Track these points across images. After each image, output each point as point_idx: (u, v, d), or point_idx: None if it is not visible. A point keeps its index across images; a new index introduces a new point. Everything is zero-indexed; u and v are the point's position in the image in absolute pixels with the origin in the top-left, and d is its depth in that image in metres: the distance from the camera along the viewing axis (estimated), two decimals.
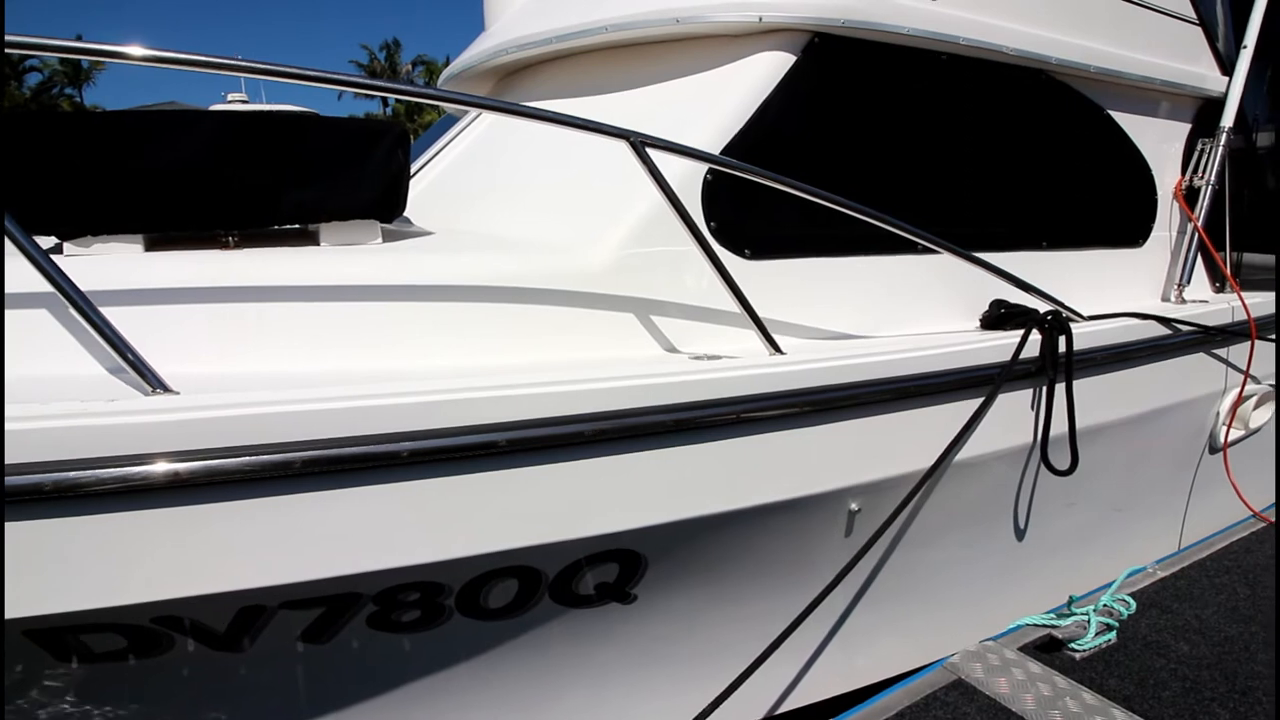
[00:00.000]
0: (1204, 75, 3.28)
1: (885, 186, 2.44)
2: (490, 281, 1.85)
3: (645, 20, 2.34)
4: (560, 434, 1.57)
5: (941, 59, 2.49)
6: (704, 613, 2.13)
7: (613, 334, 1.96)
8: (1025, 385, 2.40)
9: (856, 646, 2.45)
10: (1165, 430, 3.05)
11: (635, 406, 1.65)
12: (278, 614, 1.53)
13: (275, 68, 1.56)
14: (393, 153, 1.93)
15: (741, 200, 2.12)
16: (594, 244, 2.00)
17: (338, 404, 1.41)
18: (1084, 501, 2.81)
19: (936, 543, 2.47)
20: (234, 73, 1.54)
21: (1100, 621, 2.31)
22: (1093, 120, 2.96)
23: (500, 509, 1.58)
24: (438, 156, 2.72)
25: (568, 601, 1.85)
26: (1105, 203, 3.08)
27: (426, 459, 1.47)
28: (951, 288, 2.51)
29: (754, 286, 2.13)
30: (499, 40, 2.81)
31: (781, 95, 2.21)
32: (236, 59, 1.53)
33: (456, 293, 1.81)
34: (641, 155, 1.76)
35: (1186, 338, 2.87)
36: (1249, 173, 3.49)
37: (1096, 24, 2.86)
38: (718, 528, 1.93)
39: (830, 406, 1.96)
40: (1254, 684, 2.11)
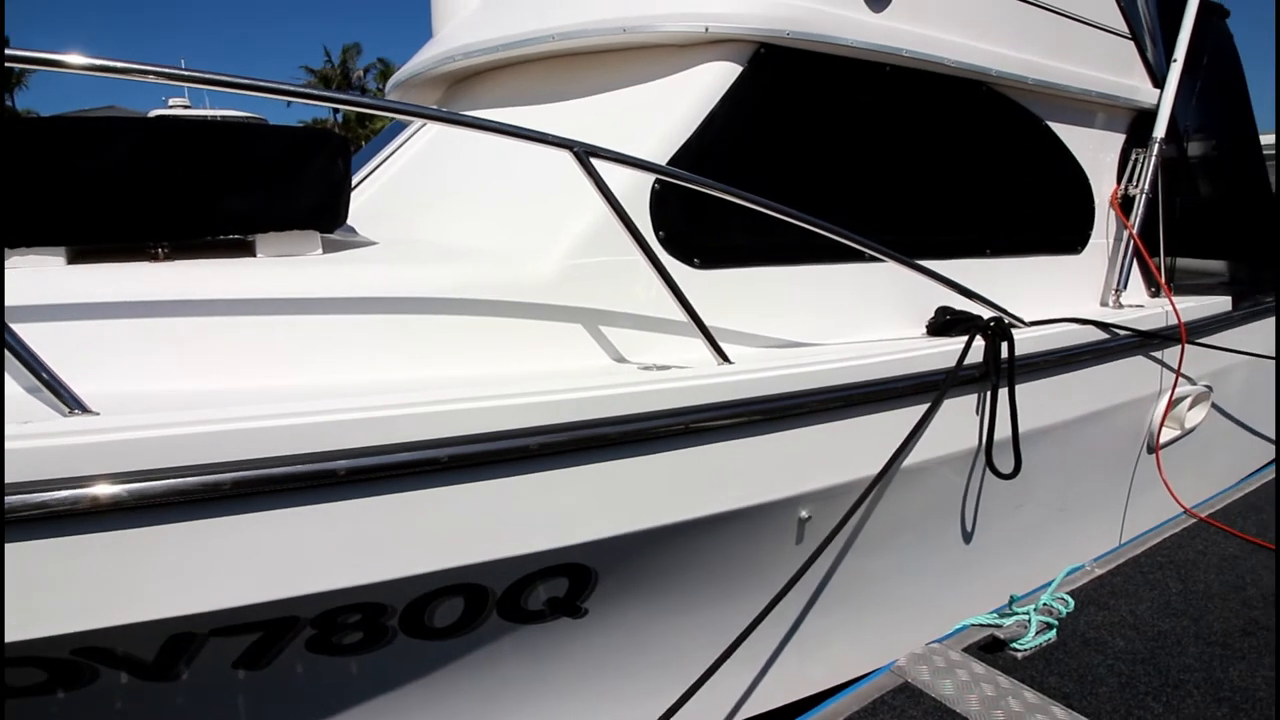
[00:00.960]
0: (1137, 87, 3.40)
1: (832, 196, 2.46)
2: (434, 293, 1.82)
3: (592, 29, 2.33)
4: (504, 449, 1.55)
5: (885, 70, 2.53)
6: (657, 624, 2.13)
7: (560, 345, 1.95)
8: (970, 390, 2.45)
9: (810, 653, 2.47)
10: (1106, 431, 3.14)
11: (581, 419, 1.64)
12: (209, 641, 1.47)
13: (208, 76, 1.51)
14: (332, 161, 1.89)
15: (690, 209, 2.12)
16: (541, 254, 1.98)
17: (269, 422, 1.37)
18: (1030, 503, 2.89)
19: (887, 547, 2.51)
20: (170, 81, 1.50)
21: (1040, 620, 2.37)
22: (1032, 131, 3.04)
23: (443, 526, 1.56)
24: (384, 165, 2.67)
25: (517, 618, 1.83)
26: (1045, 211, 3.17)
27: (364, 477, 1.44)
28: (899, 295, 2.55)
29: (703, 295, 2.13)
30: (447, 47, 2.78)
31: (728, 105, 2.22)
32: (177, 68, 1.48)
33: (398, 305, 1.78)
34: (585, 165, 1.75)
35: (1123, 341, 2.96)
36: (1181, 181, 3.63)
37: (1034, 38, 2.94)
38: (668, 539, 1.93)
39: (778, 415, 1.97)
40: (1185, 677, 2.18)
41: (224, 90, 1.56)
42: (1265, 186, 4.38)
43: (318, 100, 1.91)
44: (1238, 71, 4.18)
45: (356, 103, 1.88)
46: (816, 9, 2.31)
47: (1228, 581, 2.72)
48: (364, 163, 2.78)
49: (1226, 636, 2.37)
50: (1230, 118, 4.12)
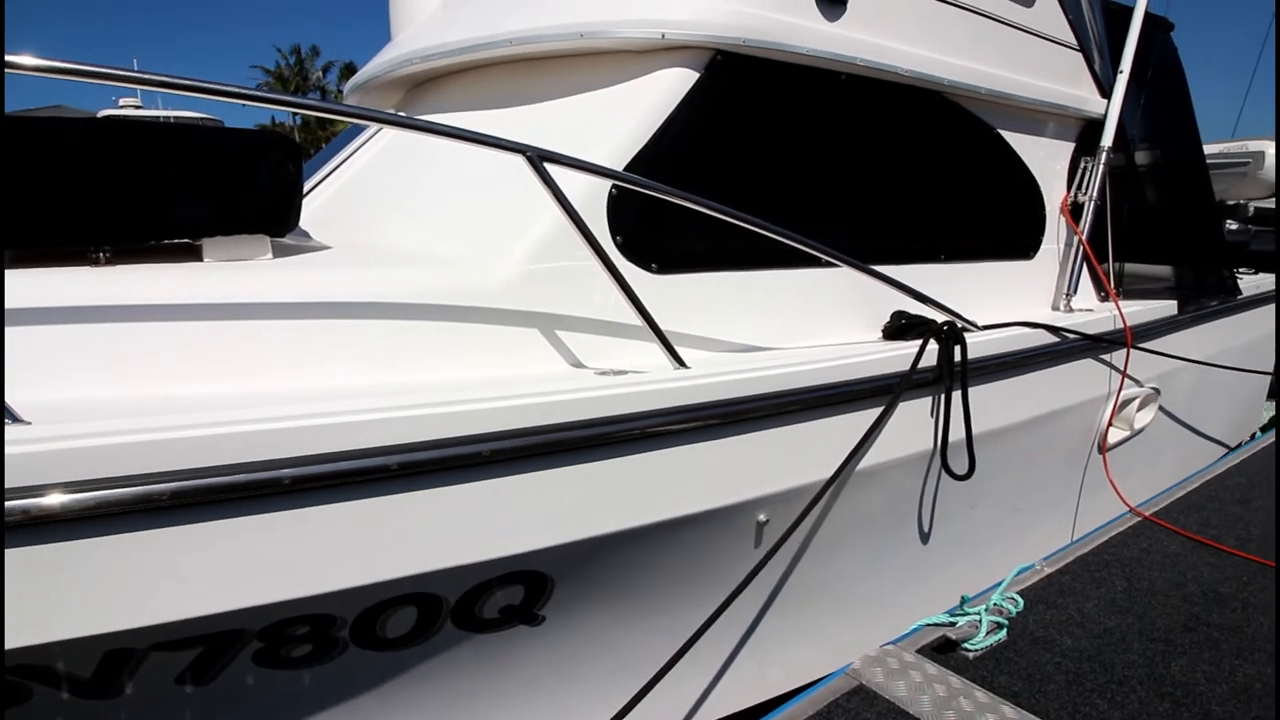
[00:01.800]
0: (1085, 98, 3.48)
1: (789, 201, 2.49)
2: (387, 297, 1.79)
3: (550, 35, 2.32)
4: (456, 455, 1.54)
5: (841, 79, 2.56)
6: (616, 630, 2.12)
7: (517, 350, 1.94)
8: (925, 393, 2.49)
9: (768, 657, 2.49)
10: (1057, 432, 3.22)
11: (535, 425, 1.63)
12: (150, 656, 1.44)
13: (159, 78, 1.47)
14: (282, 164, 1.86)
15: (647, 215, 2.12)
16: (497, 259, 1.97)
17: (209, 430, 1.34)
18: (985, 503, 2.94)
19: (845, 550, 2.54)
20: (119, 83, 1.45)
21: (991, 620, 2.42)
22: (985, 140, 3.10)
23: (393, 536, 1.53)
24: (340, 169, 2.63)
25: (472, 627, 1.81)
26: (998, 217, 3.23)
27: (310, 486, 1.41)
28: (856, 300, 2.58)
29: (661, 300, 2.14)
30: (404, 51, 2.75)
31: (685, 111, 2.22)
32: (129, 70, 1.44)
33: (350, 310, 1.75)
34: (539, 170, 1.74)
35: (1072, 345, 3.04)
36: (1129, 188, 3.73)
37: (986, 49, 2.99)
38: (626, 544, 1.93)
39: (735, 419, 1.98)
40: (1129, 673, 2.24)
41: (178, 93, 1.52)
42: (1208, 194, 4.53)
43: (271, 104, 1.87)
44: (1181, 83, 4.31)
45: (308, 106, 1.85)
46: (772, 17, 2.33)
47: (1170, 579, 2.80)
48: (320, 166, 2.74)
49: (1169, 633, 2.45)
50: (1174, 127, 4.25)
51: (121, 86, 1.47)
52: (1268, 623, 2.49)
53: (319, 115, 3.15)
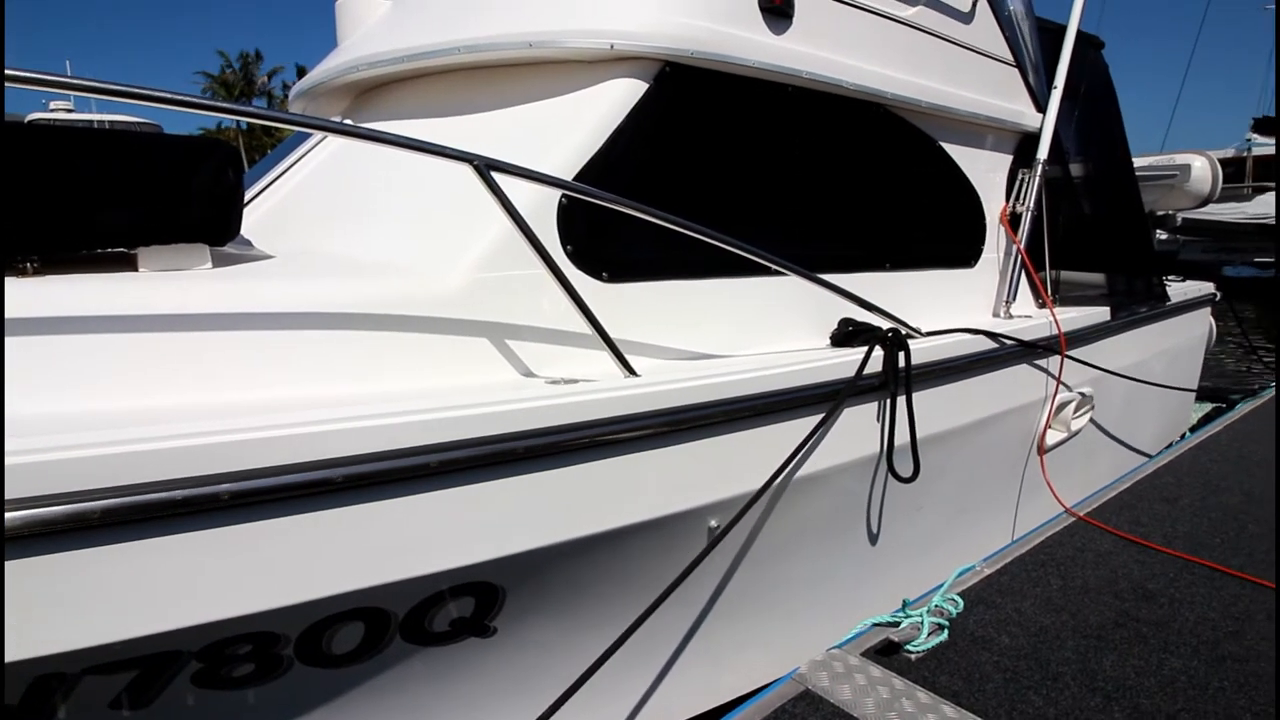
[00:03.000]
0: (1022, 112, 3.61)
1: (738, 211, 2.52)
2: (331, 307, 1.77)
3: (499, 44, 2.32)
4: (402, 467, 1.52)
5: (787, 91, 2.60)
6: (569, 639, 2.12)
7: (466, 360, 1.93)
8: (871, 398, 2.55)
9: (722, 662, 2.52)
10: (998, 435, 3.32)
11: (484, 435, 1.63)
12: (82, 681, 1.39)
13: (97, 85, 1.43)
14: (221, 171, 1.81)
15: (598, 224, 2.13)
16: (445, 268, 1.96)
17: (143, 445, 1.30)
18: (930, 505, 3.02)
19: (796, 553, 2.58)
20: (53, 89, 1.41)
21: (933, 622, 2.48)
22: (926, 151, 3.19)
23: (338, 550, 1.51)
24: (284, 176, 2.58)
25: (421, 640, 1.80)
26: (940, 227, 3.33)
27: (250, 501, 1.39)
28: (805, 307, 2.63)
29: (612, 309, 2.15)
30: (351, 57, 2.71)
31: (634, 121, 2.24)
32: (61, 75, 1.40)
33: (292, 320, 1.72)
34: (486, 179, 1.74)
35: (1010, 350, 3.14)
36: (1064, 199, 3.87)
37: (927, 64, 3.08)
38: (578, 553, 1.93)
39: (684, 426, 2.00)
40: (1063, 669, 2.32)
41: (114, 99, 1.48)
42: (1138, 205, 4.72)
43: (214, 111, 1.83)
44: (1112, 98, 4.50)
45: (252, 113, 1.81)
46: (720, 30, 2.36)
47: (1102, 576, 2.91)
48: (264, 173, 2.68)
49: (1100, 629, 2.54)
50: (1106, 141, 4.42)
51: (52, 91, 1.42)
52: (1193, 617, 2.60)
53: (263, 123, 3.04)
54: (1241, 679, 2.26)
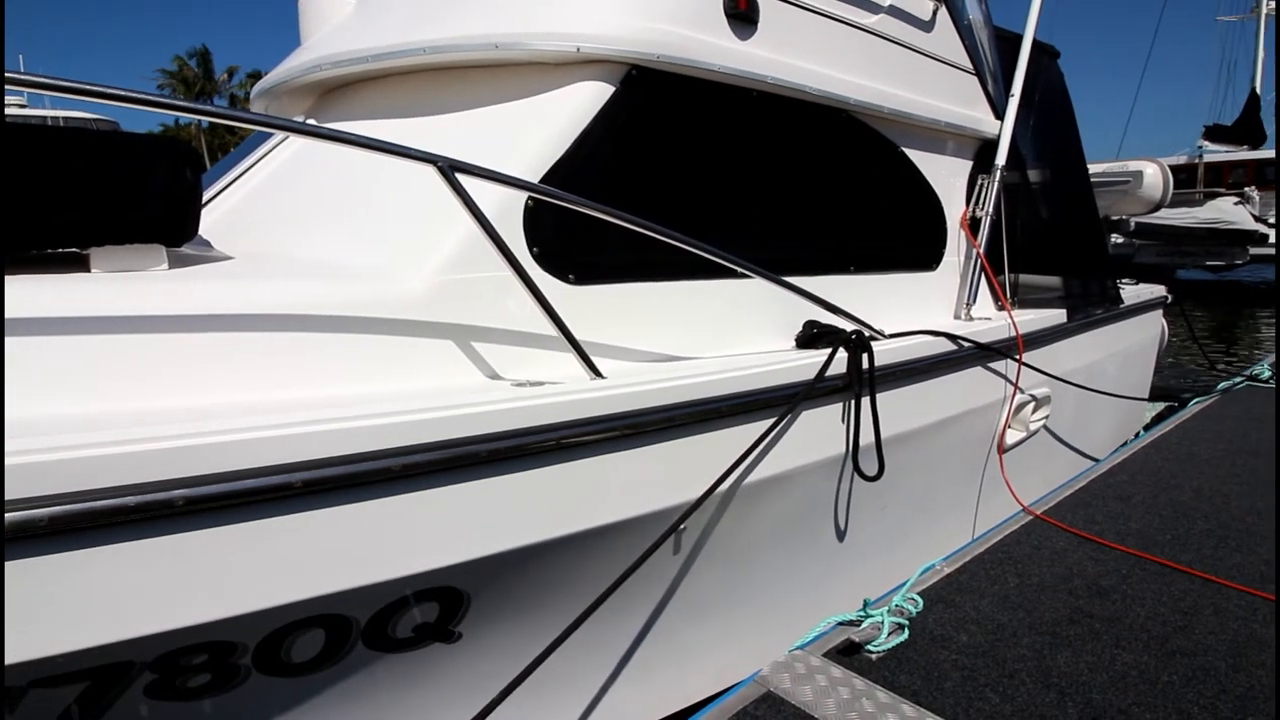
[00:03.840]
0: (981, 119, 3.68)
1: (704, 214, 2.54)
2: (292, 309, 1.74)
3: (464, 45, 2.30)
4: (362, 471, 1.50)
5: (753, 96, 2.62)
6: (536, 644, 2.11)
7: (430, 363, 1.91)
8: (836, 399, 2.59)
9: (689, 664, 2.53)
10: (959, 435, 3.39)
11: (446, 438, 1.62)
12: (28, 694, 1.35)
13: (50, 81, 1.39)
14: (178, 170, 1.78)
15: (564, 226, 2.13)
16: (410, 270, 1.94)
17: (93, 450, 1.27)
18: (894, 505, 3.07)
19: (763, 554, 2.60)
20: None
21: (893, 622, 2.52)
22: (889, 157, 3.24)
23: (297, 556, 1.49)
24: (245, 175, 2.54)
25: (384, 647, 1.78)
26: (903, 231, 3.38)
27: (205, 507, 1.36)
28: (771, 310, 2.66)
29: (579, 311, 2.15)
30: (314, 56, 2.67)
31: (601, 124, 2.24)
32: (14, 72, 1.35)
33: (251, 322, 1.69)
34: (451, 180, 1.73)
35: (971, 352, 3.20)
36: (1022, 204, 3.96)
37: (889, 71, 3.13)
38: (544, 556, 1.93)
39: (651, 428, 2.01)
40: (1019, 666, 2.38)
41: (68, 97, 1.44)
42: (1093, 209, 4.85)
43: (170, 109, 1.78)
44: (1067, 105, 4.61)
45: (211, 112, 1.77)
46: (686, 34, 2.37)
47: (1057, 574, 2.98)
48: (224, 173, 2.63)
49: (1055, 626, 2.60)
50: (1062, 147, 4.53)
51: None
52: (1143, 613, 2.68)
53: (224, 122, 2.95)
54: (1190, 673, 2.33)
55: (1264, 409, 5.45)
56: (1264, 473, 4.11)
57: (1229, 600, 2.75)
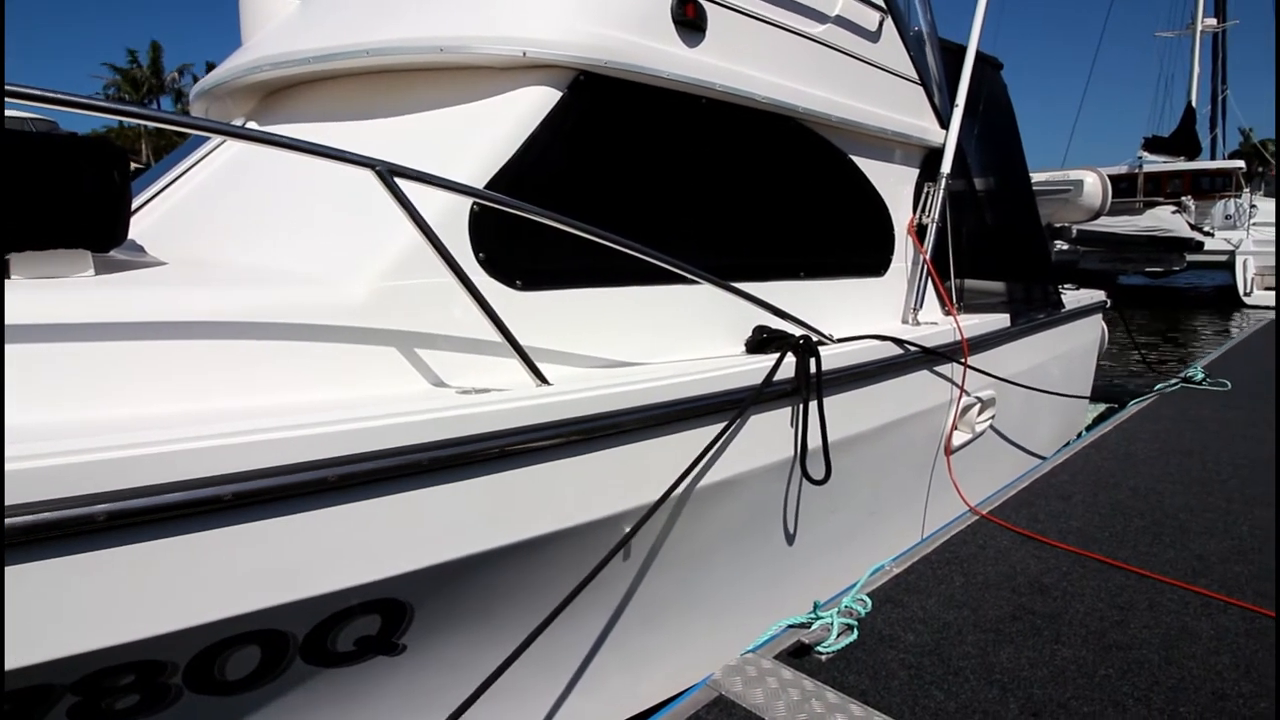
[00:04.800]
0: (927, 128, 3.76)
1: (654, 220, 2.54)
2: (226, 317, 1.70)
3: (409, 47, 2.28)
4: (296, 483, 1.47)
5: (702, 103, 2.64)
6: (485, 653, 2.09)
7: (373, 371, 1.88)
8: (785, 404, 2.61)
9: (641, 670, 2.52)
10: (907, 437, 3.45)
11: (385, 447, 1.59)
12: None
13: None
14: (105, 172, 1.72)
15: (511, 231, 2.11)
16: (352, 275, 1.91)
17: (11, 465, 1.22)
18: (843, 507, 3.11)
19: (713, 558, 2.61)
20: None
21: (842, 623, 2.55)
22: (837, 164, 3.28)
23: (228, 571, 1.45)
24: (183, 178, 2.47)
25: (324, 661, 1.74)
26: (851, 237, 3.43)
27: (129, 522, 1.31)
28: (721, 315, 2.67)
29: (526, 317, 2.14)
30: (255, 56, 2.61)
31: (548, 129, 2.23)
32: None
33: (182, 330, 1.64)
34: (389, 185, 1.70)
35: (918, 355, 3.27)
36: (967, 211, 4.05)
37: (837, 80, 3.18)
38: (489, 565, 1.90)
39: (598, 434, 2.00)
40: (963, 664, 2.42)
41: None
42: (1035, 217, 4.99)
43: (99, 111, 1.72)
44: (1010, 115, 4.74)
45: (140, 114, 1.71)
46: (634, 41, 2.38)
47: (1001, 572, 3.05)
48: (161, 176, 2.56)
49: (999, 623, 2.66)
50: (1005, 155, 4.66)
51: None
52: (1082, 609, 2.75)
53: (156, 125, 2.83)
54: (1125, 666, 2.40)
55: (1197, 410, 5.66)
56: (1196, 471, 4.26)
57: (1162, 595, 2.84)
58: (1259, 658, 2.43)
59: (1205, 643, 2.52)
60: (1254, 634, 2.56)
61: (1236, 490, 3.95)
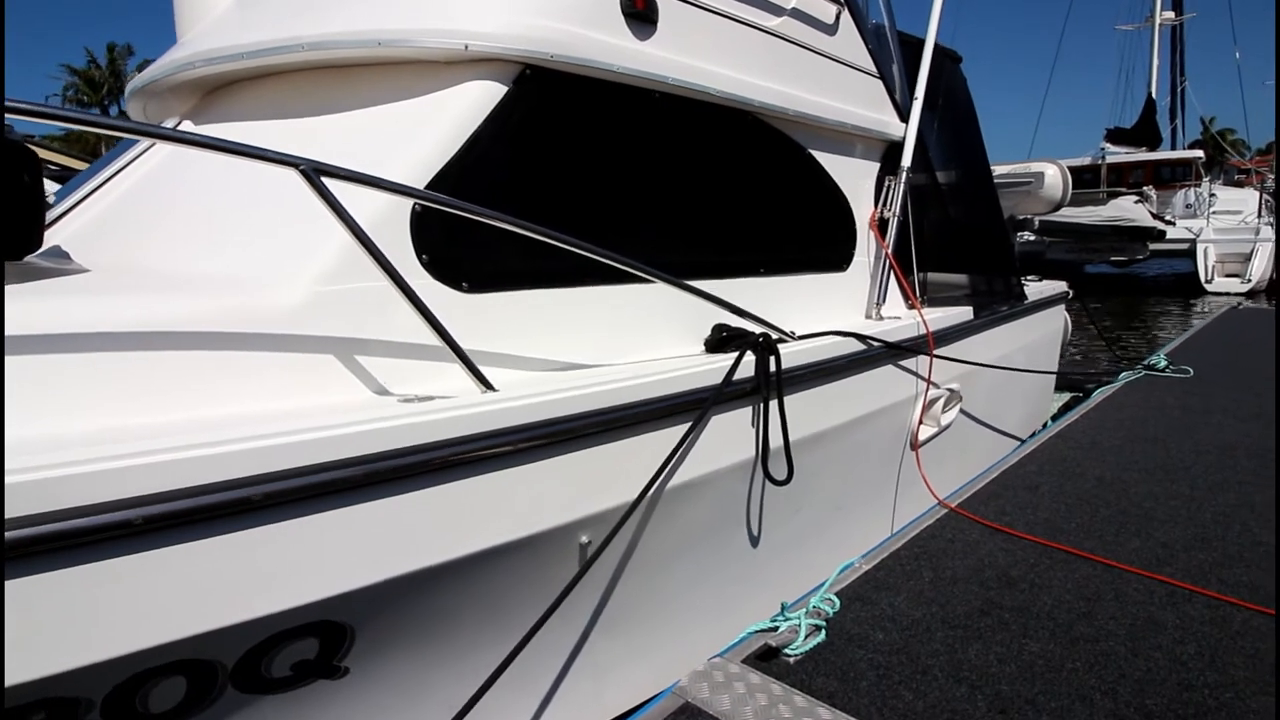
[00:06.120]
0: (887, 122, 3.73)
1: (608, 218, 2.48)
2: (149, 326, 1.60)
3: (346, 41, 2.19)
4: (215, 504, 1.38)
5: (655, 97, 2.58)
6: (437, 670, 2.01)
7: (309, 380, 1.79)
8: (746, 403, 2.56)
9: (605, 678, 2.46)
10: (874, 433, 3.42)
11: (315, 462, 1.50)
12: None
13: None
14: (14, 176, 1.62)
15: (457, 232, 2.04)
16: (285, 281, 1.82)
17: None
18: (809, 506, 3.07)
19: (675, 563, 2.55)
20: None
21: (810, 624, 2.51)
22: (796, 159, 3.24)
23: (137, 601, 1.35)
24: (112, 182, 2.36)
25: (259, 688, 1.65)
26: (811, 233, 3.39)
27: (24, 553, 1.22)
28: (680, 314, 2.62)
29: (474, 321, 2.06)
30: (188, 53, 2.51)
31: (493, 125, 2.16)
32: None
33: (103, 341, 1.55)
34: (315, 185, 1.62)
35: (882, 351, 3.23)
36: (929, 204, 4.04)
37: (794, 74, 3.14)
38: (437, 580, 1.83)
39: (547, 441, 1.93)
40: (931, 662, 2.39)
41: None
42: (996, 209, 5.00)
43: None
44: (970, 108, 4.74)
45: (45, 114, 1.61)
46: (582, 34, 2.31)
47: (970, 566, 3.03)
48: (89, 179, 2.45)
49: (967, 619, 2.64)
50: (966, 148, 4.66)
51: None
52: (1050, 601, 2.74)
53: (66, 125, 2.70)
54: (1092, 659, 2.38)
55: (1161, 397, 5.73)
56: (1160, 459, 4.30)
57: (1128, 584, 2.84)
58: (1223, 646, 2.42)
59: (1171, 633, 2.51)
60: (1217, 622, 2.56)
61: (1200, 477, 3.98)
